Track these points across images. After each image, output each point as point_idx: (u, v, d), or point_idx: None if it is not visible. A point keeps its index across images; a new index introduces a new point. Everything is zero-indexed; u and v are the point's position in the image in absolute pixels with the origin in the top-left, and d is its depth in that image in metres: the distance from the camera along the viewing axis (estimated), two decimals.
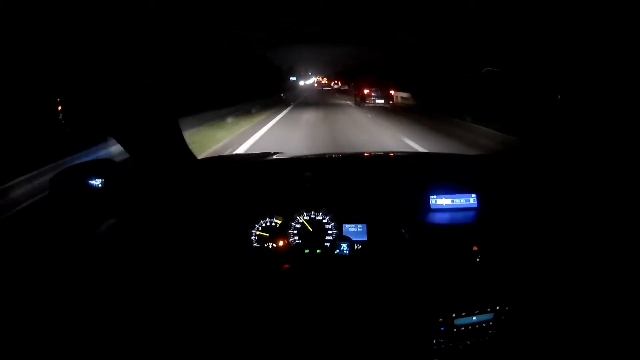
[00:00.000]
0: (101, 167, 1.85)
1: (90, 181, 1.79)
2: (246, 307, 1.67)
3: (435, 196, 1.98)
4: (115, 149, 1.89)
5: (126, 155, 1.87)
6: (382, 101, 23.88)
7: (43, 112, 1.71)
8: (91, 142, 2.04)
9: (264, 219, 1.91)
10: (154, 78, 1.79)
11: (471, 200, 2.01)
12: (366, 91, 25.81)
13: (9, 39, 1.35)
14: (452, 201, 1.99)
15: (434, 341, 1.62)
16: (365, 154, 2.89)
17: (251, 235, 1.90)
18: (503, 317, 1.66)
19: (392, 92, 25.44)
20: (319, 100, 27.85)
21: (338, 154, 2.63)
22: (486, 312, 1.65)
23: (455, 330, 1.62)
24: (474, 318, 1.64)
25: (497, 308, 1.66)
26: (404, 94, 26.56)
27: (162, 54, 1.81)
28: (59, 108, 1.74)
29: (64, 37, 1.42)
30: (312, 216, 1.92)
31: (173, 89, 1.93)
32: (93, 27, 1.40)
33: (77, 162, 1.90)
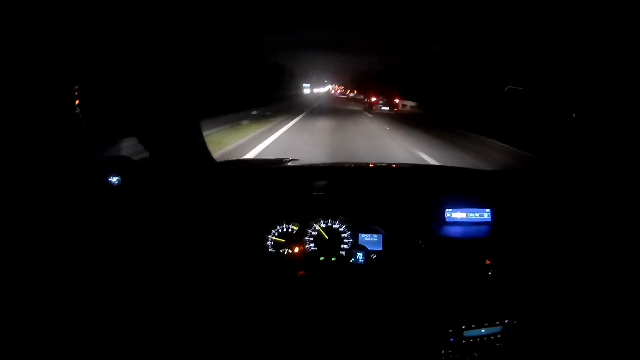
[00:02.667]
0: (119, 164, 1.87)
1: (109, 178, 1.81)
2: (260, 312, 1.68)
3: (450, 209, 1.99)
4: (130, 149, 1.90)
5: (143, 155, 1.87)
6: (387, 108, 26.76)
7: (60, 106, 1.70)
8: (107, 139, 2.04)
9: (281, 224, 1.91)
10: (177, 78, 1.81)
11: (485, 215, 2.02)
12: (373, 99, 28.82)
13: (31, 29, 1.36)
14: (467, 215, 2.00)
15: (442, 352, 1.63)
16: (383, 164, 2.90)
17: (267, 241, 1.90)
18: (511, 331, 1.68)
19: (396, 100, 28.08)
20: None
21: (355, 163, 2.65)
22: (495, 325, 1.67)
23: (464, 341, 1.64)
24: (483, 330, 1.65)
25: (506, 321, 1.67)
26: (411, 103, 28.02)
27: (182, 52, 1.81)
28: (77, 102, 1.74)
29: (88, 31, 1.43)
30: (329, 224, 1.93)
31: (193, 89, 1.94)
32: (117, 23, 1.42)
33: (94, 158, 1.92)
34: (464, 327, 1.64)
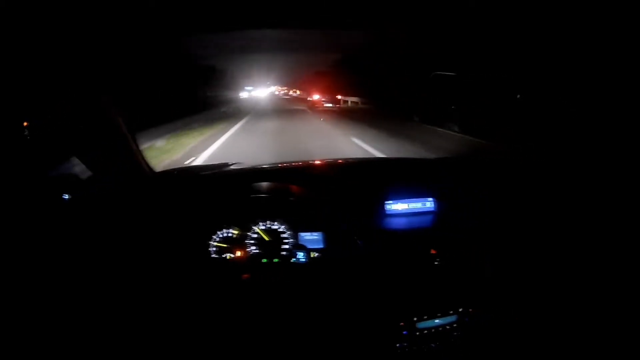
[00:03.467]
0: (68, 182, 1.85)
1: (63, 195, 1.80)
2: (208, 317, 1.67)
3: (390, 201, 1.98)
4: (79, 167, 1.88)
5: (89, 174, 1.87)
6: (330, 105, 27.10)
7: (9, 126, 1.70)
8: (58, 158, 2.00)
9: (221, 230, 1.89)
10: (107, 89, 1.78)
11: (428, 204, 2.02)
12: (316, 97, 29.41)
13: None
14: (408, 206, 2.00)
15: (398, 345, 1.62)
16: (320, 162, 2.88)
17: (209, 247, 1.87)
18: (467, 319, 1.68)
19: (338, 97, 28.55)
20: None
21: (292, 162, 2.62)
22: (449, 315, 1.67)
23: (417, 333, 1.63)
24: (437, 321, 1.65)
25: (460, 310, 1.67)
26: (354, 99, 28.55)
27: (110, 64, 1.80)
28: (25, 124, 1.73)
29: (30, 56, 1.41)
30: (268, 226, 1.91)
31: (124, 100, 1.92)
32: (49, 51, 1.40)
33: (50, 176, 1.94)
34: (415, 319, 1.63)
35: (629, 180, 1.95)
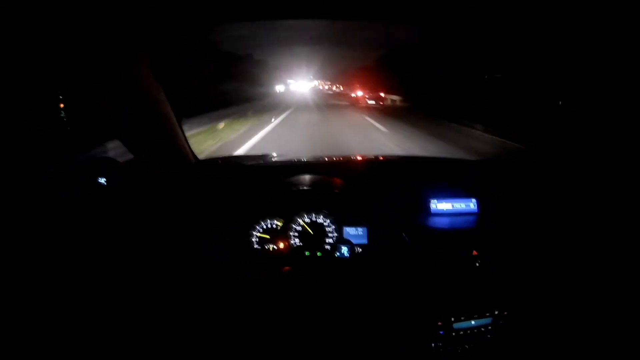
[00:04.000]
0: (105, 166, 1.86)
1: (98, 179, 1.80)
2: (246, 308, 1.68)
3: (435, 200, 1.98)
4: (115, 151, 1.89)
5: (128, 157, 1.87)
6: (373, 102, 26.90)
7: (45, 109, 1.69)
8: (92, 142, 2.03)
9: (265, 220, 1.91)
10: (158, 77, 1.78)
11: (471, 205, 2.01)
12: (360, 93, 29.07)
13: (10, 35, 1.34)
14: (452, 206, 1.99)
15: (433, 345, 1.63)
16: (366, 157, 2.89)
17: (251, 237, 1.89)
18: (501, 322, 1.68)
19: (382, 94, 28.13)
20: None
21: (338, 156, 2.63)
22: (484, 317, 1.67)
23: (453, 334, 1.64)
24: (473, 322, 1.66)
25: (496, 313, 1.67)
26: (395, 97, 28.21)
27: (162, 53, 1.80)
28: (61, 105, 1.73)
29: (68, 35, 1.41)
30: (313, 219, 1.92)
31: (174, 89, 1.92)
32: (97, 27, 1.40)
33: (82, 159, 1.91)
34: (453, 319, 1.64)
35: None
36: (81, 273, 1.57)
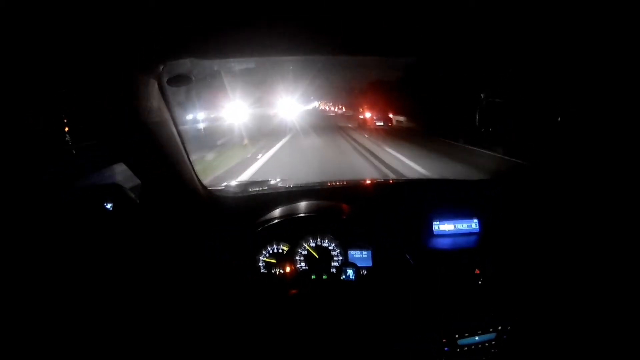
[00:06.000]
0: (111, 191, 1.88)
1: (104, 204, 1.82)
2: (255, 331, 1.71)
3: (437, 222, 2.02)
4: (123, 174, 1.91)
5: (134, 182, 1.86)
6: (382, 123, 26.08)
7: (50, 132, 1.70)
8: (97, 165, 2.05)
9: (271, 245, 1.94)
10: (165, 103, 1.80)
11: (473, 225, 2.05)
12: (368, 115, 28.19)
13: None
14: (455, 226, 2.04)
15: None
16: (369, 181, 2.93)
17: (258, 262, 1.92)
18: (505, 337, 1.71)
19: (390, 115, 27.61)
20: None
21: (342, 181, 2.67)
22: (488, 332, 1.70)
23: (458, 350, 1.68)
24: (477, 338, 1.69)
25: (499, 328, 1.71)
26: (400, 118, 27.93)
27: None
28: (66, 129, 1.74)
29: (74, 54, 1.41)
30: (318, 243, 1.95)
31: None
32: (105, 46, 1.40)
33: (85, 184, 1.91)
34: (457, 336, 1.67)
35: None
36: (78, 291, 1.58)
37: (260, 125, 18.89)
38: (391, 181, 2.79)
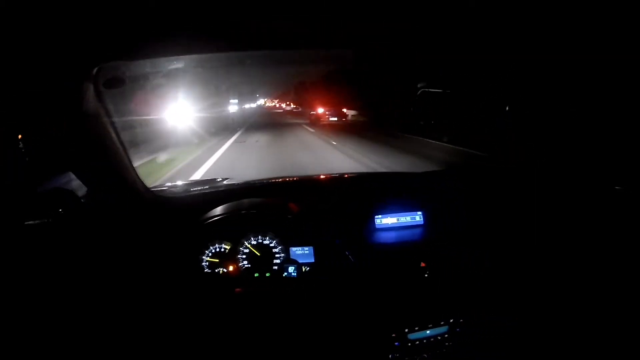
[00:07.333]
0: (62, 197, 1.82)
1: (59, 210, 1.78)
2: (200, 330, 1.68)
3: (380, 216, 2.02)
4: (76, 182, 1.87)
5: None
6: (335, 119, 25.90)
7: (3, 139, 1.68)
8: (54, 172, 1.99)
9: (213, 244, 1.91)
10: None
11: (417, 217, 2.06)
12: (321, 110, 27.72)
13: None
14: (398, 219, 2.04)
15: (390, 356, 1.66)
16: (310, 177, 2.93)
17: (202, 262, 1.89)
18: (458, 329, 1.71)
19: (344, 110, 27.27)
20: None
21: (285, 177, 2.64)
22: (440, 326, 1.70)
23: (409, 344, 1.67)
24: (428, 332, 1.69)
25: (451, 321, 1.71)
26: (353, 112, 27.92)
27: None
28: (19, 136, 1.70)
29: (8, 64, 1.39)
30: (260, 241, 1.93)
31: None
32: (44, 51, 1.38)
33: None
34: (407, 330, 1.66)
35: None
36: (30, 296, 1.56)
37: (206, 125, 18.07)
38: (333, 176, 2.77)
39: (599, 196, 2.02)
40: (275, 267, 1.91)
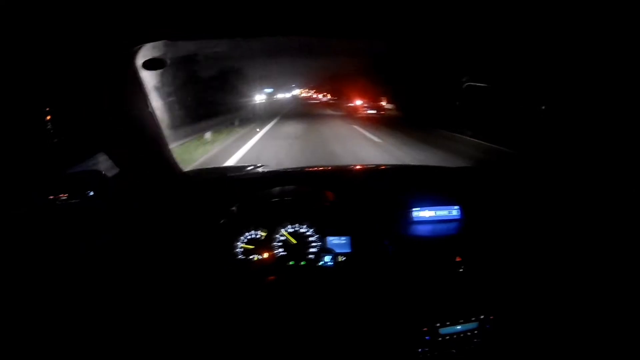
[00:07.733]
0: (92, 179, 1.84)
1: (87, 192, 1.79)
2: (232, 318, 1.69)
3: (417, 208, 2.00)
4: (105, 163, 1.89)
5: (116, 171, 1.86)
6: (374, 111, 25.12)
7: (31, 121, 1.70)
8: (81, 155, 2.02)
9: (249, 231, 1.92)
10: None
11: (454, 212, 2.03)
12: (359, 102, 27.35)
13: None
14: (435, 213, 2.01)
15: (420, 350, 1.64)
16: (348, 167, 2.92)
17: (236, 248, 1.90)
18: (488, 326, 1.69)
19: (383, 103, 26.39)
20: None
21: (321, 166, 2.65)
22: (470, 322, 1.68)
23: (440, 339, 1.65)
24: (459, 327, 1.66)
25: (482, 317, 1.68)
26: (390, 105, 27.41)
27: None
28: (48, 117, 1.73)
29: (57, 47, 1.40)
30: (296, 229, 1.94)
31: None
32: (82, 34, 1.39)
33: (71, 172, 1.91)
34: (438, 324, 1.65)
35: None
36: (65, 279, 1.57)
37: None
38: (371, 167, 2.76)
39: (629, 197, 1.96)
40: (312, 256, 1.92)
